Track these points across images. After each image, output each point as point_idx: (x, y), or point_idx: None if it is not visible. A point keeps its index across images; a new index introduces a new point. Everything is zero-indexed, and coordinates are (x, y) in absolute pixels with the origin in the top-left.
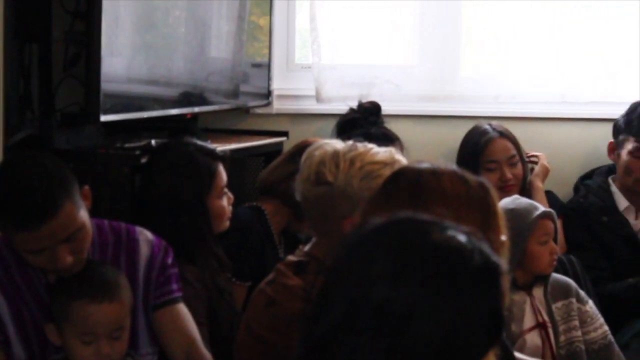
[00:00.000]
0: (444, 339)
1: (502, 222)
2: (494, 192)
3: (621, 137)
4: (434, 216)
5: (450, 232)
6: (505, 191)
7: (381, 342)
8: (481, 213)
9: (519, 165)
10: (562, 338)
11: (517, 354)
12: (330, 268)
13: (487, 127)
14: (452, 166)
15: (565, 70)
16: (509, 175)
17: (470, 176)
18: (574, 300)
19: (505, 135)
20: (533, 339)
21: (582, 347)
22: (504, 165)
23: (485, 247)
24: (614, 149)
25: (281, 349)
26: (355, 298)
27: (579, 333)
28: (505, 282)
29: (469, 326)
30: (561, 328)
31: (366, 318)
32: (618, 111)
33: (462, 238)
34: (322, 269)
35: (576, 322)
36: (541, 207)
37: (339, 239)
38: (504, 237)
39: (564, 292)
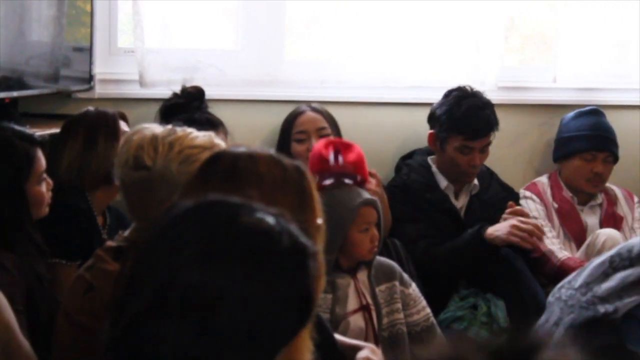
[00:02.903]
0: (253, 322)
1: (318, 205)
2: (310, 176)
3: (444, 134)
4: (249, 199)
5: (259, 215)
6: None
7: (190, 326)
8: (297, 196)
9: None
10: (385, 320)
11: (338, 336)
12: (139, 252)
13: (303, 105)
14: (269, 150)
15: (388, 56)
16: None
17: (287, 160)
18: (397, 283)
19: (318, 110)
20: (357, 321)
21: (404, 329)
22: (313, 136)
23: (294, 229)
24: (435, 139)
25: (100, 334)
26: (164, 282)
27: (402, 315)
28: (317, 263)
29: (278, 308)
30: (384, 310)
31: (175, 302)
32: (436, 96)
33: (270, 220)
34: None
35: (399, 305)
36: (365, 195)
37: None
38: (319, 220)
39: (388, 275)
